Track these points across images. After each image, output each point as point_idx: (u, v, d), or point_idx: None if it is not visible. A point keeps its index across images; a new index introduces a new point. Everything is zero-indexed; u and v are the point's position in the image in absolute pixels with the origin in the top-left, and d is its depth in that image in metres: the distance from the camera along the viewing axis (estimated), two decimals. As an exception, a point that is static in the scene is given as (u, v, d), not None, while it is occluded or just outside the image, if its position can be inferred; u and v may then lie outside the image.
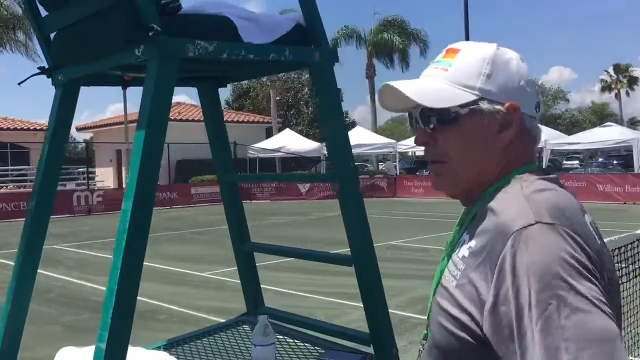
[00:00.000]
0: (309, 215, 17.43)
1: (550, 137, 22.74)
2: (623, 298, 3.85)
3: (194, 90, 2.41)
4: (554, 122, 51.13)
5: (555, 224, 0.90)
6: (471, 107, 1.02)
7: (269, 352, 1.86)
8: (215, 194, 24.51)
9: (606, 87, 62.47)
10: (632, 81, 62.64)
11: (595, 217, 1.04)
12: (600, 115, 53.86)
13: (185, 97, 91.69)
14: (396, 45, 32.42)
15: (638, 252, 3.91)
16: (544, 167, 1.12)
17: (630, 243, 3.85)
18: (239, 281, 2.60)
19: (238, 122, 30.31)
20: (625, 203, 18.47)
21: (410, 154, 42.06)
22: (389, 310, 2.08)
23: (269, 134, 30.01)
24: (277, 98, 34.36)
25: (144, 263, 1.55)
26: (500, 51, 1.06)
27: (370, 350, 2.10)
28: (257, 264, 2.62)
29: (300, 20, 1.91)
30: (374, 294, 2.07)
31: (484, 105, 1.02)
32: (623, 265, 3.75)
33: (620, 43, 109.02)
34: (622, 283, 3.81)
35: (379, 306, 2.08)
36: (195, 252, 11.05)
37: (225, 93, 47.75)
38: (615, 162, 31.06)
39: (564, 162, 35.21)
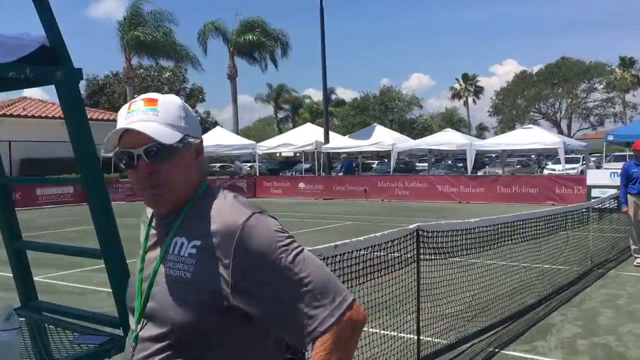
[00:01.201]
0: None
1: (397, 141, 24.44)
2: (399, 284, 4.46)
3: (48, 86, 2.49)
4: (408, 127, 54.41)
5: (262, 211, 1.34)
6: (184, 141, 1.35)
7: (12, 335, 2.09)
8: (64, 194, 23.28)
9: (456, 95, 68.04)
10: (478, 90, 68.83)
11: (431, 215, 1.47)
12: (450, 121, 58.23)
13: (37, 92, 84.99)
14: (266, 47, 32.86)
15: (410, 244, 4.58)
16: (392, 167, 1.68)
17: (404, 236, 4.51)
18: (69, 284, 2.76)
19: (93, 119, 28.97)
20: (460, 202, 20.29)
21: (277, 154, 42.66)
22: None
23: (126, 132, 28.97)
24: (135, 96, 33.21)
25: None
26: (182, 100, 1.42)
27: (120, 332, 2.41)
28: (95, 267, 2.78)
29: (45, 42, 2.16)
30: (121, 283, 2.37)
31: (190, 139, 1.37)
32: (397, 254, 4.39)
33: (473, 54, 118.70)
34: (397, 270, 4.45)
35: (125, 293, 2.38)
36: (30, 255, 10.55)
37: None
38: (460, 164, 33.65)
39: (417, 164, 37.72)
